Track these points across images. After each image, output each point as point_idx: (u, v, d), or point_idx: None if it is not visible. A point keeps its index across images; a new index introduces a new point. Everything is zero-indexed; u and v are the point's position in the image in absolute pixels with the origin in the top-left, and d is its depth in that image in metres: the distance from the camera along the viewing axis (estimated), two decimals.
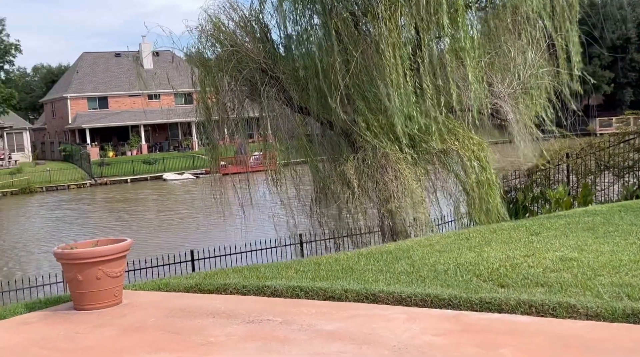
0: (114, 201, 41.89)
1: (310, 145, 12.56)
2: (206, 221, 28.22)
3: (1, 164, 54.34)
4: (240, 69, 12.37)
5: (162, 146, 64.47)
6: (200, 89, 13.20)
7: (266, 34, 13.07)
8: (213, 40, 12.84)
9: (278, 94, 12.20)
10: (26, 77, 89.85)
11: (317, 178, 12.98)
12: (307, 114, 12.82)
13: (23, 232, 30.31)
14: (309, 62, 12.19)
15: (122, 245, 5.90)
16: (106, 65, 67.68)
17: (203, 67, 13.17)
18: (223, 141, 13.26)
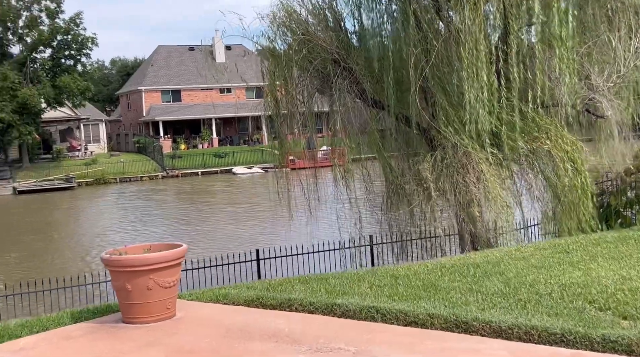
0: (186, 193, 42.24)
1: (383, 142, 11.72)
2: (273, 216, 27.81)
3: (78, 155, 55.87)
4: (311, 59, 11.65)
5: (233, 140, 64.84)
6: (269, 81, 12.56)
7: (339, 23, 12.31)
8: (284, 28, 12.17)
9: (350, 86, 11.41)
10: (104, 70, 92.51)
11: (389, 177, 12.12)
12: (380, 108, 11.98)
13: (103, 222, 30.75)
14: (385, 52, 11.35)
15: (177, 251, 5.26)
16: (180, 58, 68.65)
17: (273, 57, 12.53)
18: (292, 135, 12.56)
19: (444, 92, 9.93)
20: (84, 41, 50.36)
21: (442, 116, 9.94)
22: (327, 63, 11.63)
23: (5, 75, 45.39)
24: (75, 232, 28.16)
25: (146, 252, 5.31)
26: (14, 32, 49.35)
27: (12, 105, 45.62)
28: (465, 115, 9.54)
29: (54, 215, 35.38)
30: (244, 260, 13.51)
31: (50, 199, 41.21)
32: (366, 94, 11.65)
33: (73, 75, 49.29)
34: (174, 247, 5.36)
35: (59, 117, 54.90)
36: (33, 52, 49.63)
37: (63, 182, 47.03)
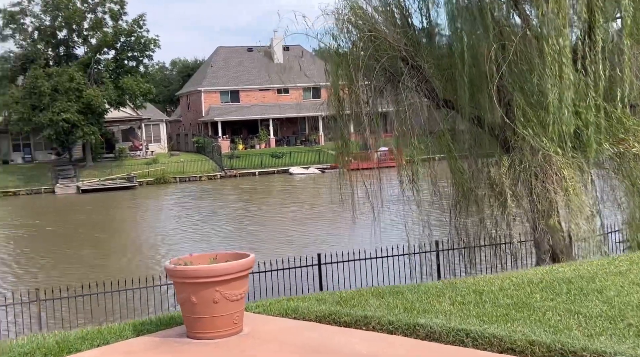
0: (244, 193, 42.32)
1: (453, 144, 11.12)
2: (334, 218, 27.40)
3: (139, 155, 56.92)
4: (377, 57, 11.16)
5: (290, 140, 64.89)
6: (332, 80, 12.14)
7: (407, 19, 11.78)
8: (349, 25, 11.72)
9: (419, 85, 10.87)
10: (165, 71, 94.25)
11: (459, 180, 11.52)
12: (449, 108, 11.40)
13: (166, 222, 31.04)
14: (457, 48, 10.77)
15: (245, 262, 4.87)
16: (239, 59, 69.18)
17: (337, 56, 12.10)
18: (355, 136, 12.10)
19: (522, 91, 9.29)
20: (146, 43, 51.23)
21: (519, 116, 9.28)
22: (394, 61, 11.13)
23: (71, 77, 46.56)
24: (140, 232, 28.44)
25: (212, 262, 4.94)
26: (79, 34, 50.63)
27: (77, 106, 46.78)
28: (546, 116, 8.87)
29: (118, 214, 36.01)
30: (305, 264, 13.15)
31: (113, 198, 42.01)
32: (435, 93, 11.09)
33: (135, 77, 50.21)
34: (241, 256, 4.98)
35: (121, 117, 56.08)
36: (97, 54, 50.79)
37: (125, 181, 47.94)
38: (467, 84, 10.07)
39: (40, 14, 49.40)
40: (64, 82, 46.17)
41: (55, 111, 45.90)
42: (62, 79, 46.28)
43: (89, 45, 50.81)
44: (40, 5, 49.13)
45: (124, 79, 49.35)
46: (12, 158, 55.91)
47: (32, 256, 23.29)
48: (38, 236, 28.38)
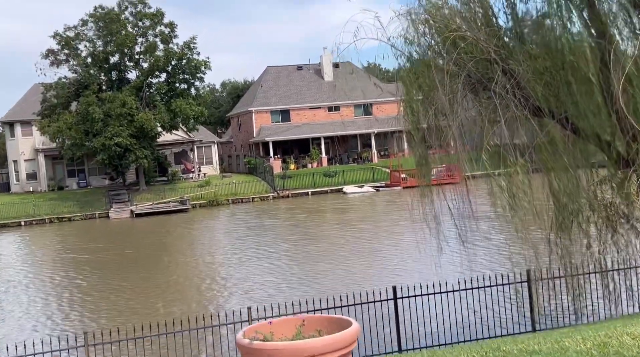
0: (300, 214, 40.98)
1: (553, 158, 9.54)
2: (400, 242, 25.79)
3: (191, 177, 56.58)
4: (460, 62, 9.72)
5: (342, 158, 63.65)
6: (406, 90, 10.74)
7: (491, 18, 10.31)
8: (425, 27, 10.33)
9: (513, 91, 9.36)
10: (215, 92, 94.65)
11: (560, 198, 9.89)
12: (543, 116, 9.84)
13: (224, 249, 30.03)
14: (557, 47, 9.25)
15: (347, 335, 3.47)
16: (288, 78, 68.57)
17: (410, 62, 10.70)
18: (435, 151, 10.63)
19: None
20: (197, 65, 50.94)
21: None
22: (481, 65, 9.65)
23: (123, 101, 46.55)
24: (200, 260, 27.33)
25: (299, 332, 3.56)
26: (131, 58, 50.74)
27: (129, 130, 46.67)
28: None
29: (174, 239, 35.25)
30: (379, 299, 11.67)
31: (167, 222, 41.41)
32: (530, 100, 9.56)
33: (187, 99, 49.93)
34: (340, 325, 3.58)
35: (173, 140, 55.93)
36: (149, 77, 50.77)
37: (178, 205, 47.45)
38: (567, 91, 8.51)
39: (94, 39, 49.74)
40: (116, 108, 46.18)
41: (108, 136, 45.89)
42: (115, 104, 46.31)
43: (141, 69, 50.86)
44: (94, 29, 49.46)
45: (176, 102, 49.12)
46: (67, 184, 56.41)
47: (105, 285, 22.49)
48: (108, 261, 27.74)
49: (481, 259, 19.49)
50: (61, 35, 48.97)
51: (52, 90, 49.26)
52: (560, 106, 9.41)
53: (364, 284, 17.83)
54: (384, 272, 20.09)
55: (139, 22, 50.34)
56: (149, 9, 50.33)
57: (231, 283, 20.93)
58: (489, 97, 10.08)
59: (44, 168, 56.39)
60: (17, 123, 57.34)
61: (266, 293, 18.74)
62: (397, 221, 33.35)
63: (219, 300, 18.78)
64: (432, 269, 17.90)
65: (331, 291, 16.21)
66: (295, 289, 18.84)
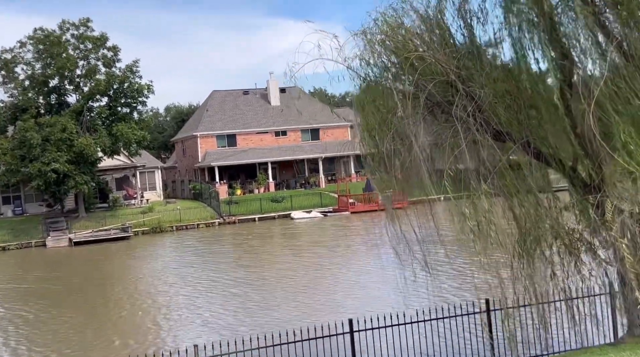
0: (245, 241, 40.00)
1: (516, 183, 9.21)
2: (356, 268, 25.22)
3: (134, 203, 54.86)
4: (420, 83, 9.34)
5: (289, 183, 63.07)
6: (362, 113, 10.29)
7: (450, 39, 10.00)
8: (382, 48, 9.93)
9: (474, 114, 9.01)
10: (159, 117, 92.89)
11: (522, 224, 9.55)
12: (508, 141, 9.53)
13: (165, 277, 28.80)
14: (517, 71, 8.99)
15: None
16: (234, 103, 67.87)
17: (365, 83, 10.27)
18: (397, 174, 10.16)
19: (621, 117, 7.36)
20: (139, 89, 49.70)
21: (621, 147, 7.33)
22: (441, 87, 9.29)
23: (64, 127, 44.90)
24: (150, 289, 26.10)
25: None
26: (71, 81, 49.13)
27: (68, 155, 44.94)
28: None
29: (117, 268, 33.75)
30: (334, 333, 11.05)
31: (108, 250, 39.80)
32: (492, 124, 9.23)
33: (129, 124, 48.56)
34: None
35: (115, 165, 54.21)
36: (89, 101, 49.21)
37: (119, 232, 45.77)
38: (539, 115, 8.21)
39: (32, 62, 47.98)
40: (56, 132, 44.45)
41: (45, 161, 44.03)
42: (55, 129, 44.58)
43: (81, 93, 49.23)
44: (32, 52, 47.73)
45: (118, 126, 47.68)
46: (1, 211, 53.79)
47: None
48: None
49: (448, 285, 19.14)
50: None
51: None
52: (522, 130, 9.11)
53: (321, 314, 17.22)
54: (341, 301, 19.46)
55: (80, 45, 48.87)
56: (92, 32, 48.98)
57: (187, 313, 19.87)
58: (447, 120, 9.74)
59: None
60: None
61: (225, 323, 17.88)
62: (350, 246, 32.92)
63: (176, 332, 17.73)
64: (393, 297, 17.43)
65: (286, 323, 15.54)
66: (252, 319, 18.04)
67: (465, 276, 19.23)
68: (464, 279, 19.27)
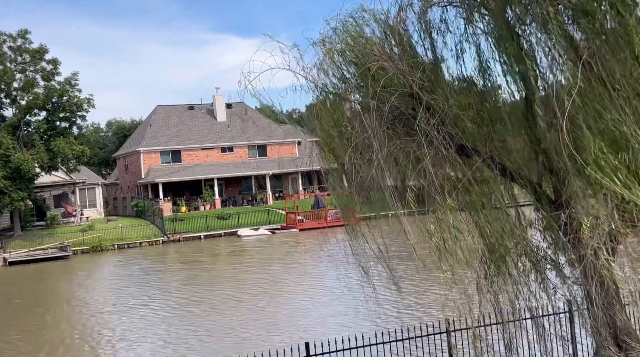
0: (190, 260, 38.88)
1: (481, 198, 8.90)
2: (310, 286, 24.60)
3: (73, 221, 52.83)
4: (381, 95, 8.96)
5: (236, 200, 62.05)
6: (320, 126, 9.83)
7: (412, 49, 9.68)
8: (342, 57, 9.52)
9: (437, 128, 8.67)
10: (100, 132, 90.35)
11: (487, 240, 9.24)
12: (472, 156, 9.24)
13: (103, 299, 27.49)
14: (479, 83, 8.72)
15: None
16: (179, 118, 66.57)
17: (323, 94, 9.84)
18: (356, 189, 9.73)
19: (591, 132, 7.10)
20: (79, 103, 48.07)
21: (593, 161, 7.08)
22: (403, 100, 8.93)
23: (0, 142, 42.91)
24: (72, 311, 24.86)
25: None
26: (8, 94, 47.12)
27: (3, 172, 42.93)
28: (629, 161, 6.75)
29: (55, 289, 32.11)
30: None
31: (43, 270, 37.95)
32: (456, 138, 8.92)
33: (68, 139, 46.84)
34: None
35: (53, 181, 52.13)
36: (27, 115, 47.28)
37: (57, 251, 43.84)
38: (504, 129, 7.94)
39: None
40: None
41: None
42: None
43: (18, 107, 47.24)
44: None
45: (56, 141, 45.90)
46: None
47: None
48: None
49: (414, 302, 18.71)
50: None
51: None
52: (486, 145, 8.83)
53: (275, 335, 16.55)
54: (295, 320, 18.79)
55: (18, 58, 46.98)
56: (31, 44, 47.21)
57: (133, 338, 18.79)
58: (408, 133, 9.39)
59: None
60: None
61: (177, 353, 16.84)
62: (301, 263, 32.30)
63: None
64: (350, 317, 16.89)
65: (239, 346, 14.82)
66: (205, 344, 17.15)
67: (430, 294, 18.93)
68: (428, 296, 18.97)
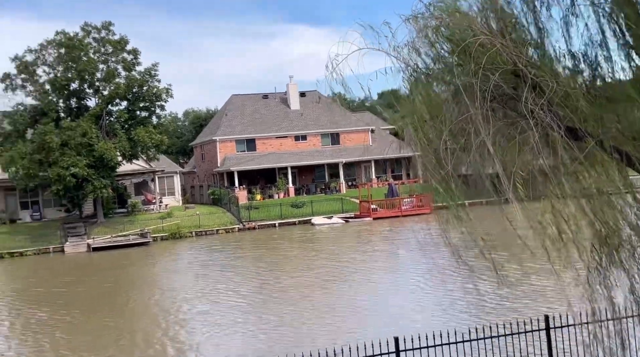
0: (268, 248, 38.93)
1: (596, 184, 8.10)
2: (394, 278, 24.02)
3: (152, 208, 54.17)
4: (481, 74, 8.27)
5: (309, 188, 62.08)
6: (415, 110, 9.22)
7: (514, 26, 8.92)
8: (434, 35, 8.87)
9: (545, 109, 7.92)
10: (177, 122, 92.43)
11: (601, 230, 8.42)
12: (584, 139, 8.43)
13: (190, 285, 27.91)
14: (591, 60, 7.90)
15: None
16: (254, 107, 67.08)
17: (415, 74, 9.21)
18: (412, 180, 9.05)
19: None
20: (158, 93, 49.06)
21: None
22: (506, 79, 8.20)
23: (84, 131, 44.36)
24: (162, 296, 25.27)
25: None
26: (91, 84, 48.59)
27: (87, 160, 44.36)
28: None
29: (133, 274, 32.93)
30: (378, 352, 9.97)
31: (126, 256, 39.00)
32: (564, 121, 8.14)
33: (147, 128, 47.89)
34: None
35: (133, 170, 53.59)
36: (109, 105, 48.67)
37: (138, 238, 45.06)
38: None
39: (53, 64, 47.49)
40: (76, 137, 43.94)
41: (64, 166, 43.48)
42: (75, 133, 44.08)
43: (101, 97, 48.66)
44: (53, 55, 47.22)
45: (136, 130, 47.04)
46: (20, 216, 53.31)
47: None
48: None
49: (509, 294, 17.82)
50: (20, 59, 46.63)
51: (7, 118, 46.74)
52: (598, 127, 8.00)
53: (363, 326, 16.11)
54: (383, 312, 18.15)
55: (101, 48, 48.36)
56: (113, 35, 48.50)
57: (224, 324, 18.82)
58: (506, 115, 8.66)
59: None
60: None
61: (268, 339, 16.74)
62: (382, 252, 31.74)
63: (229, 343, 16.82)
64: (440, 310, 16.24)
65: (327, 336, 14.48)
66: (296, 330, 16.93)
67: (528, 285, 18.00)
68: (529, 288, 18.04)
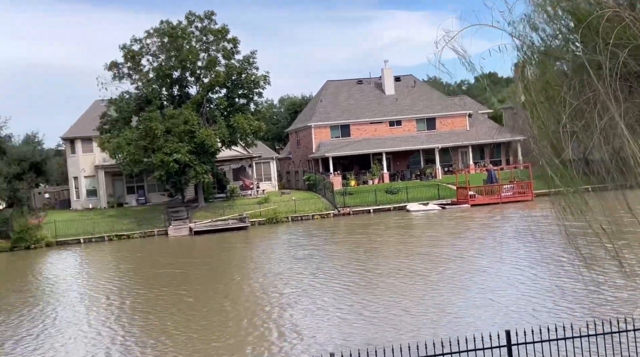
0: (367, 233, 38.80)
1: None
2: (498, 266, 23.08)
3: (250, 194, 55.37)
4: (607, 50, 7.65)
5: (404, 174, 61.35)
6: (532, 88, 8.69)
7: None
8: (552, 9, 8.29)
9: None
10: (273, 108, 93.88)
11: None
12: None
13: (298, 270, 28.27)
14: None
15: None
16: (348, 92, 66.94)
17: (531, 52, 8.65)
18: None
19: None
20: (256, 80, 49.86)
21: None
22: (634, 54, 7.54)
23: (187, 119, 45.83)
24: (265, 280, 25.74)
25: None
26: (193, 72, 50.05)
27: (189, 146, 45.83)
28: None
29: (236, 258, 33.78)
30: (489, 346, 9.57)
31: (228, 240, 40.05)
32: None
33: (246, 115, 48.84)
34: None
35: (232, 156, 54.91)
36: (209, 93, 49.97)
37: (237, 222, 46.20)
38: None
39: (157, 53, 49.25)
40: (179, 124, 45.51)
41: (167, 152, 45.14)
42: (178, 120, 45.64)
43: (202, 85, 50.07)
44: (157, 44, 48.94)
45: (235, 117, 48.08)
46: (126, 200, 56.05)
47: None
48: None
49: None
50: (127, 48, 48.68)
51: (114, 105, 49.01)
52: None
53: (474, 318, 15.50)
54: (492, 302, 17.33)
55: (203, 37, 49.70)
56: (215, 24, 49.68)
57: (331, 309, 18.82)
58: (631, 92, 7.98)
59: (104, 185, 56.24)
60: (78, 139, 57.40)
61: (374, 327, 16.49)
62: (484, 239, 30.73)
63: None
64: (555, 301, 15.38)
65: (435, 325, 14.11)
66: (403, 319, 16.64)
67: None
68: None
